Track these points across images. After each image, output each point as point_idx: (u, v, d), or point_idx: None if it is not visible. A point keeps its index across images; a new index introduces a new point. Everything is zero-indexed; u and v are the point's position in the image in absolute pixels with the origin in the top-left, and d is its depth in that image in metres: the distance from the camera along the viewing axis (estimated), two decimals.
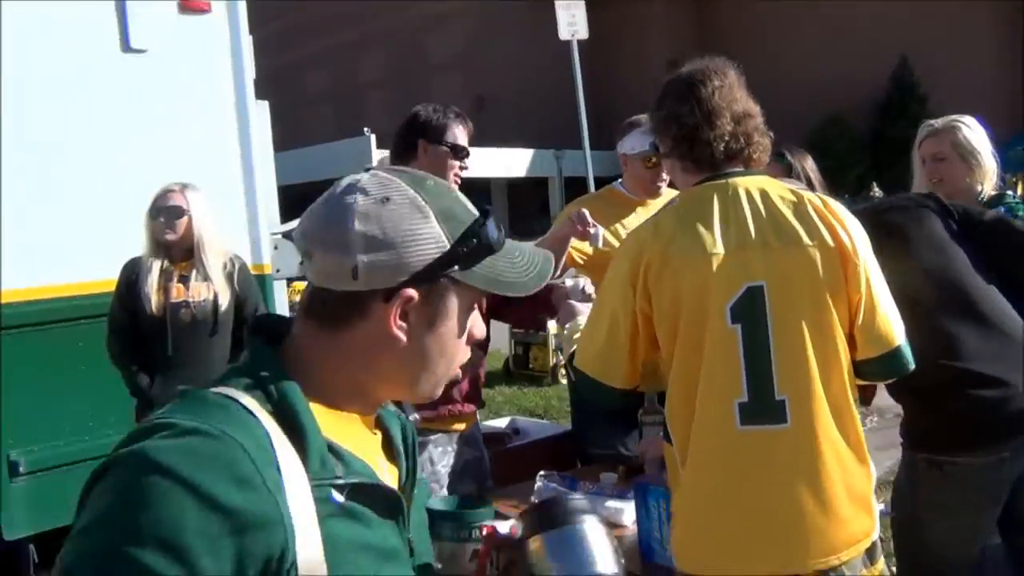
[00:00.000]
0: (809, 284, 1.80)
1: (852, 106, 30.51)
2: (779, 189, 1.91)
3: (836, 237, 1.82)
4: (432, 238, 0.96)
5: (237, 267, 3.47)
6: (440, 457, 2.72)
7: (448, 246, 0.96)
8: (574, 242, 3.02)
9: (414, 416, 2.65)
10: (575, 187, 36.77)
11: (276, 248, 4.55)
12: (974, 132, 2.77)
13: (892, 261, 1.99)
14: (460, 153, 2.79)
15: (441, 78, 45.23)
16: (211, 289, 3.34)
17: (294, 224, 5.03)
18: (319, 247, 0.96)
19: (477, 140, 3.06)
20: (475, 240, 0.98)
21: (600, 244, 2.98)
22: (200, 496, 0.80)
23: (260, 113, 4.49)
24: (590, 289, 2.81)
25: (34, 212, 3.69)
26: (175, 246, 3.36)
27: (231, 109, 4.30)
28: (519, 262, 1.04)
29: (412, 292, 0.96)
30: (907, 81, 31.20)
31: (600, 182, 9.36)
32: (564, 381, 8.32)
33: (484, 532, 1.09)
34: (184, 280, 3.35)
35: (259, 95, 4.50)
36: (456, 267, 0.97)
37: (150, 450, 0.83)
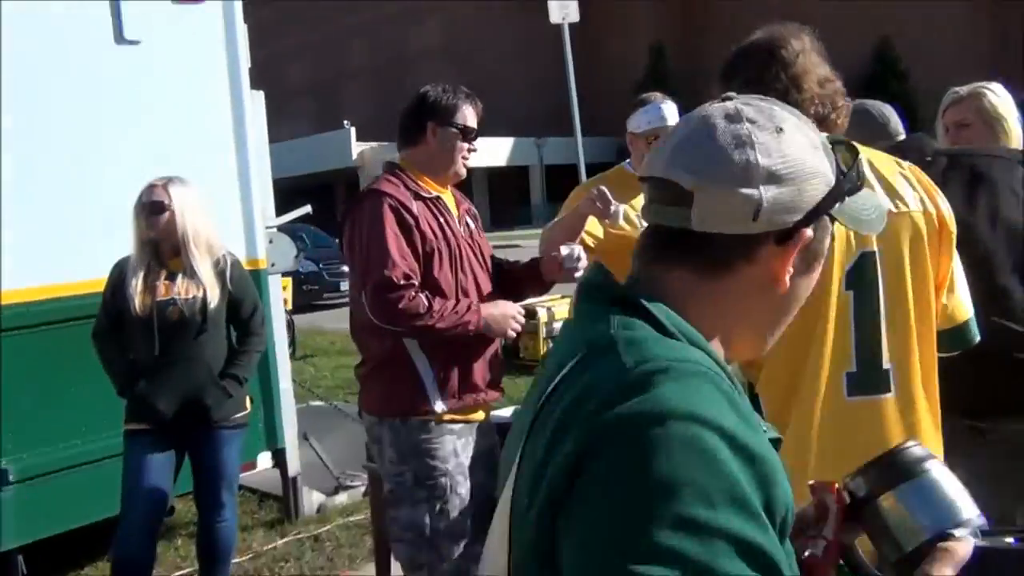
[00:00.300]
0: (916, 251, 1.77)
1: None
2: (878, 155, 1.87)
3: (936, 204, 1.80)
4: (822, 172, 0.88)
5: (230, 263, 3.36)
6: (463, 448, 2.66)
7: (833, 181, 0.89)
8: (587, 225, 2.96)
9: (440, 406, 2.59)
10: (557, 175, 36.81)
11: (271, 242, 4.47)
12: (1000, 98, 2.71)
13: (973, 206, 1.93)
14: (470, 135, 2.72)
15: (421, 67, 45.01)
16: (200, 286, 3.23)
17: (288, 217, 4.95)
18: (714, 183, 0.85)
19: None
20: (855, 173, 0.90)
21: (621, 221, 2.93)
22: (736, 445, 0.72)
23: (255, 104, 4.40)
24: (584, 256, 2.75)
25: (25, 209, 3.57)
26: (162, 243, 3.25)
27: (226, 100, 4.22)
28: (865, 199, 0.95)
29: (810, 232, 0.88)
30: (889, 57, 31.51)
31: (589, 169, 9.32)
32: None
33: (834, 492, 1.00)
34: (172, 277, 3.24)
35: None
36: (838, 204, 0.89)
37: (671, 401, 0.73)
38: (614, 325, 0.83)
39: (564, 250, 2.72)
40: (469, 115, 2.71)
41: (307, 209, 4.98)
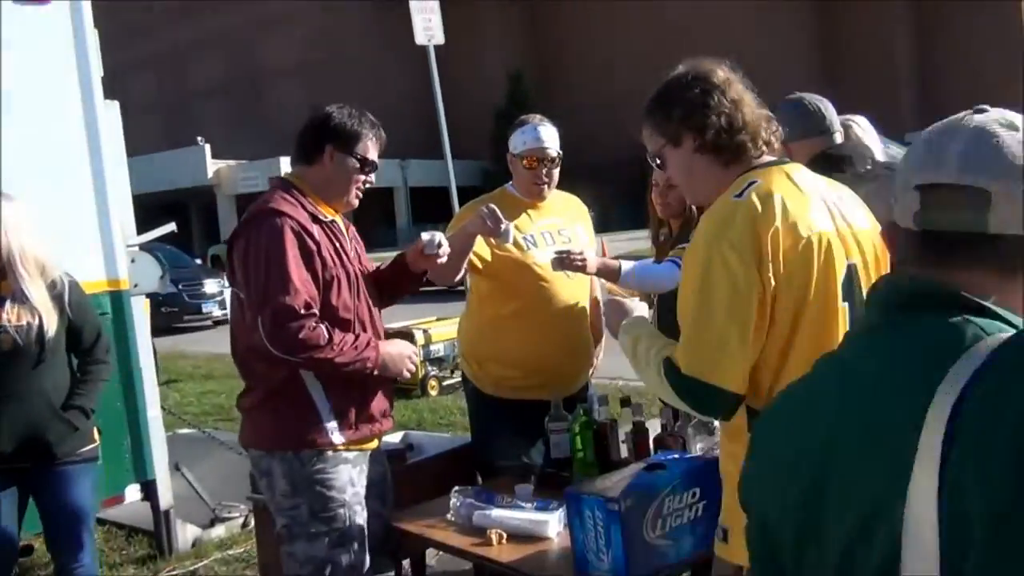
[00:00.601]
0: (876, 262, 1.87)
1: None
2: (825, 178, 1.97)
3: (873, 222, 1.91)
4: None
5: (67, 286, 3.06)
6: (358, 477, 2.56)
7: None
8: (474, 246, 2.93)
9: (337, 438, 2.49)
10: (422, 197, 36.61)
11: (133, 261, 4.17)
12: (864, 131, 2.84)
13: None
14: (368, 167, 2.62)
15: (277, 84, 43.93)
16: (34, 313, 2.94)
17: (151, 235, 4.65)
18: (1017, 187, 0.92)
19: None
20: None
21: (510, 241, 2.90)
22: None
23: (110, 114, 4.11)
24: (446, 242, 2.70)
25: None
26: None
27: (77, 109, 3.92)
28: None
29: None
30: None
31: (458, 192, 9.26)
32: (434, 393, 8.19)
33: None
34: (0, 303, 2.94)
35: None
36: None
37: None
38: (992, 331, 0.87)
39: (425, 236, 2.68)
40: (371, 146, 2.60)
41: (172, 227, 4.69)
